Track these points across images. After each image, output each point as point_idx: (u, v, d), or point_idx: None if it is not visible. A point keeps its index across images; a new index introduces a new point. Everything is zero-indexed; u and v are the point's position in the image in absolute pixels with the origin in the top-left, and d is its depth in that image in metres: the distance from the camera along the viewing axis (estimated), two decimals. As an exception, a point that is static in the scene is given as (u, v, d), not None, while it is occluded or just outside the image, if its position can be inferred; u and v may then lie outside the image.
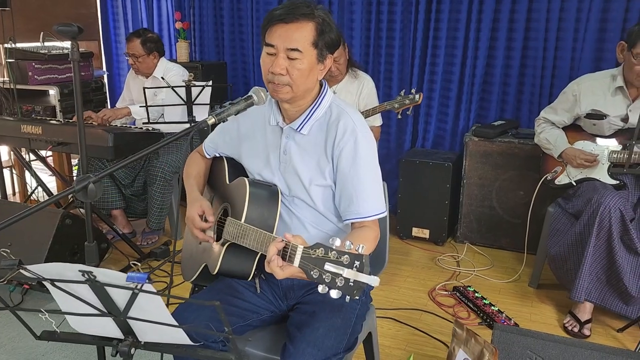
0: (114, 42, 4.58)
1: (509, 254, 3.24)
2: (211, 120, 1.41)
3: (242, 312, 1.56)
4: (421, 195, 3.33)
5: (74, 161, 3.95)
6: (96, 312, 0.98)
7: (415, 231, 3.41)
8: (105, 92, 3.80)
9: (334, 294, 1.16)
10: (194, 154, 1.84)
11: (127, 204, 3.40)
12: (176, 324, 1.00)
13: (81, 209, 3.50)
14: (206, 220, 1.59)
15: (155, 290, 0.92)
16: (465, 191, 3.32)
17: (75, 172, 3.88)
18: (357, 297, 1.13)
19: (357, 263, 1.13)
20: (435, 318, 2.54)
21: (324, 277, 1.15)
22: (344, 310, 1.51)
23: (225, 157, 1.76)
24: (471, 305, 2.61)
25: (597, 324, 2.48)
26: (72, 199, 3.08)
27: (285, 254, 1.25)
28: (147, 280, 0.87)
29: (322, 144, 1.53)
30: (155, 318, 0.97)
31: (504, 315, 2.50)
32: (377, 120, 2.97)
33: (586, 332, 2.40)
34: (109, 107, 4.05)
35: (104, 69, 4.58)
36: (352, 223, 1.53)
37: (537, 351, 1.66)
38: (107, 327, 1.05)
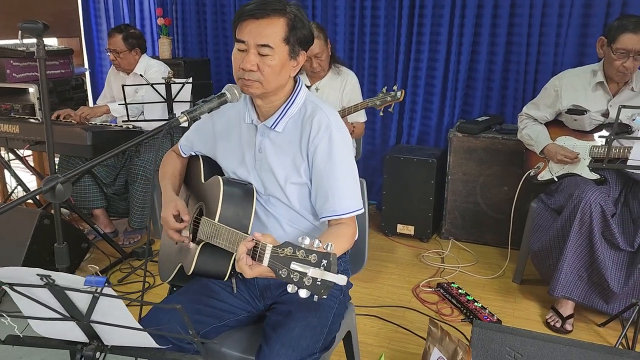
0: (95, 39, 4.52)
1: (494, 250, 3.24)
2: (183, 119, 1.39)
3: (218, 312, 1.54)
4: (406, 191, 3.32)
5: (57, 159, 3.89)
6: (58, 316, 0.96)
7: (400, 228, 3.40)
8: (86, 90, 3.73)
9: (303, 293, 1.14)
10: (169, 154, 1.82)
11: (108, 203, 3.35)
12: (140, 327, 0.98)
13: (63, 209, 3.46)
14: (181, 220, 1.56)
15: (115, 294, 0.89)
16: (450, 187, 3.31)
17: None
18: (325, 296, 1.12)
19: (324, 262, 1.11)
20: (418, 315, 2.53)
21: (292, 276, 1.13)
22: (320, 310, 1.49)
23: (202, 155, 1.74)
24: (455, 302, 2.60)
25: (579, 319, 2.49)
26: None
27: (255, 253, 1.24)
28: (105, 284, 0.84)
29: (297, 141, 1.51)
30: (118, 321, 0.95)
31: (487, 311, 2.50)
32: (362, 116, 2.95)
33: (568, 327, 2.41)
34: (91, 104, 4.00)
35: (86, 65, 4.52)
36: (328, 221, 1.51)
37: (516, 348, 1.65)
38: (72, 331, 1.02)
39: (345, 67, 2.99)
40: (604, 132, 2.47)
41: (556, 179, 2.54)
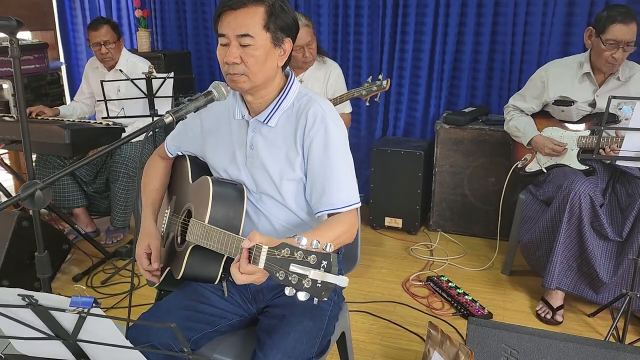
0: (71, 32, 4.37)
1: (482, 242, 3.24)
2: (168, 119, 1.33)
3: (209, 318, 1.49)
4: (393, 184, 3.29)
5: (34, 157, 3.77)
6: (43, 335, 0.90)
7: (388, 221, 3.37)
8: (63, 85, 3.61)
9: (302, 296, 1.10)
10: (154, 158, 1.74)
11: (89, 201, 3.26)
12: (130, 345, 0.93)
13: (43, 209, 3.35)
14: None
15: (103, 313, 0.83)
16: (437, 179, 3.29)
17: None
18: (325, 299, 1.08)
19: (324, 263, 1.06)
20: (410, 310, 2.52)
21: (290, 278, 1.09)
22: (315, 313, 1.46)
23: (188, 155, 1.68)
24: (445, 295, 2.59)
25: (568, 309, 2.49)
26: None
27: (250, 254, 1.19)
28: (93, 305, 0.79)
29: (291, 134, 1.46)
30: (107, 340, 0.89)
31: (477, 304, 2.49)
32: (347, 107, 2.89)
33: (558, 318, 2.41)
34: (68, 100, 3.88)
35: (62, 59, 4.38)
36: (328, 215, 1.46)
37: (512, 344, 1.64)
38: (57, 350, 0.96)
39: (329, 58, 2.94)
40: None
41: (544, 170, 2.54)
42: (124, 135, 2.87)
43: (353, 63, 3.66)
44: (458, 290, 2.61)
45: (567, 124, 2.56)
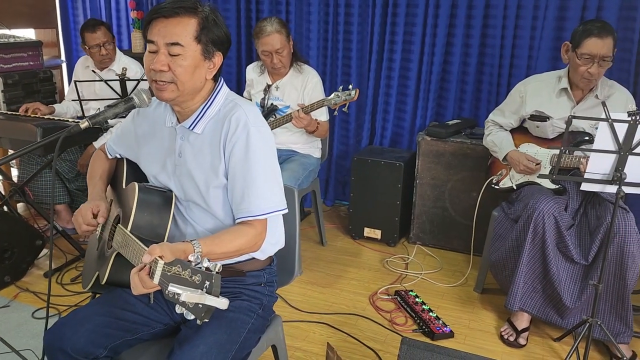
0: (72, 30, 4.45)
1: (460, 256, 3.17)
2: (84, 125, 1.33)
3: (131, 325, 1.48)
4: (373, 194, 3.25)
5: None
6: None
7: (367, 231, 3.33)
8: (55, 83, 3.67)
9: (189, 315, 1.09)
10: (98, 153, 1.76)
11: (72, 198, 3.30)
12: None
13: (20, 204, 3.42)
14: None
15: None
16: (418, 191, 3.24)
17: (13, 169, 3.77)
18: (206, 320, 1.06)
19: (207, 283, 1.05)
20: (371, 324, 2.47)
21: (176, 296, 1.08)
22: (233, 325, 1.43)
23: (127, 159, 1.68)
24: (409, 311, 2.54)
25: (536, 332, 2.42)
26: (10, 193, 2.98)
27: (151, 268, 1.18)
28: None
29: (217, 141, 1.45)
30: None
31: (440, 322, 2.44)
32: (323, 115, 2.86)
33: (522, 341, 2.34)
34: (58, 97, 3.94)
35: (63, 57, 4.46)
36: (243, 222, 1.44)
37: (444, 368, 1.59)
38: None
39: (308, 65, 2.92)
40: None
41: (515, 188, 2.47)
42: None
43: (342, 71, 3.64)
44: (424, 306, 2.55)
45: (542, 141, 2.49)
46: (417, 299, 2.61)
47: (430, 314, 2.49)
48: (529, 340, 2.36)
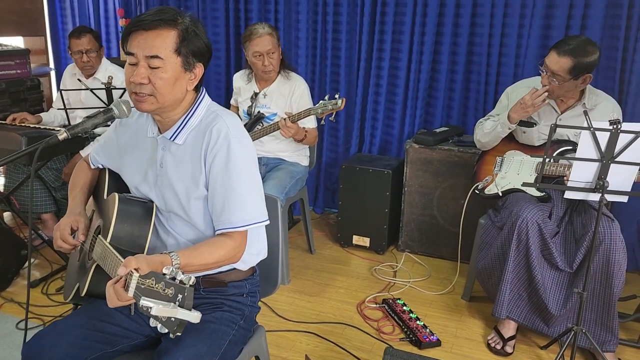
0: (61, 38, 4.44)
1: (449, 264, 3.17)
2: (62, 136, 1.32)
3: (110, 337, 1.46)
4: (361, 202, 3.25)
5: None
6: None
7: (356, 239, 3.33)
8: (42, 91, 3.66)
9: (163, 329, 1.08)
10: (81, 163, 1.75)
11: (58, 207, 3.28)
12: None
13: (6, 212, 3.39)
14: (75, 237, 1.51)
15: None
16: (407, 199, 3.24)
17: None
18: (179, 334, 1.05)
19: (179, 297, 1.04)
20: (358, 333, 2.46)
21: (148, 310, 1.07)
22: (213, 337, 1.42)
23: (109, 169, 1.67)
24: (397, 319, 2.53)
25: (522, 340, 2.42)
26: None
27: (126, 281, 1.17)
28: None
29: (198, 152, 1.44)
30: None
31: (427, 330, 2.43)
32: (311, 122, 2.85)
33: (508, 349, 2.33)
34: (45, 106, 3.93)
35: (52, 65, 4.44)
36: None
37: (427, 378, 1.58)
38: None
39: (296, 73, 2.92)
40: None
41: (500, 194, 2.47)
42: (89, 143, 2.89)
43: (331, 78, 3.64)
44: (411, 314, 2.55)
45: (528, 149, 2.50)
46: (404, 307, 2.61)
47: (418, 322, 2.49)
48: (515, 348, 2.35)
